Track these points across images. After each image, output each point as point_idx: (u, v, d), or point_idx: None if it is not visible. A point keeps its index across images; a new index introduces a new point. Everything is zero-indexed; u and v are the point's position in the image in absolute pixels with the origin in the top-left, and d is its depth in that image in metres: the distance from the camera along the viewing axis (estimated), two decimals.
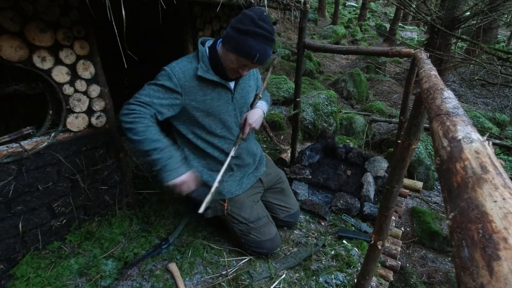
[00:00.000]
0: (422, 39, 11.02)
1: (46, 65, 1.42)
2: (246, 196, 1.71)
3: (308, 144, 3.55)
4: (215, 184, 1.52)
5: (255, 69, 1.73)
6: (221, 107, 1.53)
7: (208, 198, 1.46)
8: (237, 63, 1.36)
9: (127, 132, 1.37)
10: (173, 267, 1.66)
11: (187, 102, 1.46)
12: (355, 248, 1.87)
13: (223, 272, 1.65)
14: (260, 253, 1.73)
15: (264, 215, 1.75)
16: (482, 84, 7.06)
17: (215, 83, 1.48)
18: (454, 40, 6.58)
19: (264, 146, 3.27)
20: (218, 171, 1.57)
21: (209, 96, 1.48)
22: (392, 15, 13.93)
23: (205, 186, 1.56)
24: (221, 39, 1.41)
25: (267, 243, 1.70)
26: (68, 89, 1.54)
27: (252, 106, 1.71)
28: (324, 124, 4.04)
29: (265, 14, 1.31)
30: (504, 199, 0.29)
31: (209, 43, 1.50)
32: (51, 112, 1.58)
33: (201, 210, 1.43)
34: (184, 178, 1.42)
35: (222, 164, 1.59)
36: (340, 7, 15.32)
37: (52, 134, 1.56)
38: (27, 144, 1.48)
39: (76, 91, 1.57)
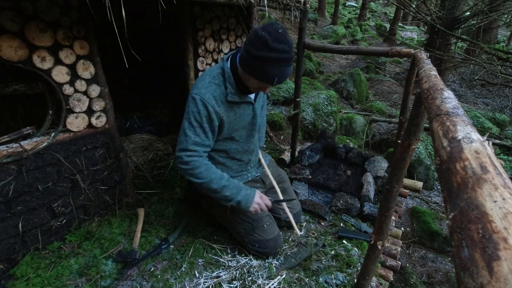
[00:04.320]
0: (422, 39, 11.02)
1: (46, 65, 1.42)
2: None
3: (308, 144, 3.55)
4: (281, 196, 1.78)
5: None
6: (246, 120, 1.60)
7: (291, 217, 1.71)
8: (258, 85, 1.39)
9: (192, 178, 1.46)
10: (140, 211, 2.00)
11: (222, 124, 1.51)
12: (355, 248, 1.87)
13: (223, 272, 1.65)
14: (263, 253, 1.73)
15: (266, 214, 1.76)
16: (482, 84, 7.06)
17: (241, 102, 1.52)
18: (454, 40, 6.58)
19: (264, 146, 3.27)
20: (237, 172, 1.74)
21: (238, 114, 1.54)
22: (392, 15, 13.93)
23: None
24: (238, 58, 1.40)
25: (271, 242, 1.70)
26: (68, 89, 1.54)
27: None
28: (324, 124, 4.04)
29: (280, 31, 1.22)
30: (504, 199, 0.29)
31: (230, 59, 1.48)
32: (51, 112, 1.58)
33: (298, 232, 1.75)
34: (257, 199, 1.56)
35: (240, 164, 1.74)
36: (340, 7, 15.31)
37: (52, 134, 1.56)
38: (27, 144, 1.48)
39: (76, 91, 1.57)
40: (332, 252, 1.82)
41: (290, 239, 1.92)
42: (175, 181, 2.42)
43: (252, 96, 1.59)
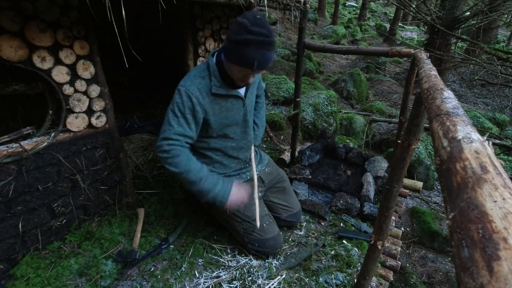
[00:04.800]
0: (422, 39, 11.02)
1: (46, 65, 1.42)
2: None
3: (308, 144, 3.55)
4: (256, 194, 1.65)
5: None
6: (235, 115, 1.59)
7: (258, 211, 1.61)
8: (240, 73, 1.39)
9: (171, 167, 1.43)
10: (140, 211, 2.00)
11: (206, 116, 1.51)
12: (355, 248, 1.87)
13: (223, 272, 1.65)
14: (263, 253, 1.73)
15: (266, 213, 1.76)
16: (482, 84, 7.06)
17: (228, 95, 1.53)
18: (454, 40, 6.58)
19: (264, 146, 3.27)
20: (235, 170, 1.73)
21: (224, 108, 1.54)
22: (392, 15, 13.93)
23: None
24: (222, 50, 1.42)
25: (270, 241, 1.71)
26: (68, 89, 1.54)
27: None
28: (324, 124, 4.04)
29: (258, 17, 1.27)
30: (504, 199, 0.29)
31: (216, 54, 1.51)
32: (51, 112, 1.58)
33: (258, 224, 1.60)
34: (235, 193, 1.52)
35: (238, 162, 1.73)
36: (340, 7, 15.31)
37: (52, 134, 1.56)
38: (27, 144, 1.48)
39: (76, 91, 1.57)
40: (332, 252, 1.82)
41: (290, 239, 1.92)
42: (175, 181, 2.42)
43: (242, 91, 1.59)
